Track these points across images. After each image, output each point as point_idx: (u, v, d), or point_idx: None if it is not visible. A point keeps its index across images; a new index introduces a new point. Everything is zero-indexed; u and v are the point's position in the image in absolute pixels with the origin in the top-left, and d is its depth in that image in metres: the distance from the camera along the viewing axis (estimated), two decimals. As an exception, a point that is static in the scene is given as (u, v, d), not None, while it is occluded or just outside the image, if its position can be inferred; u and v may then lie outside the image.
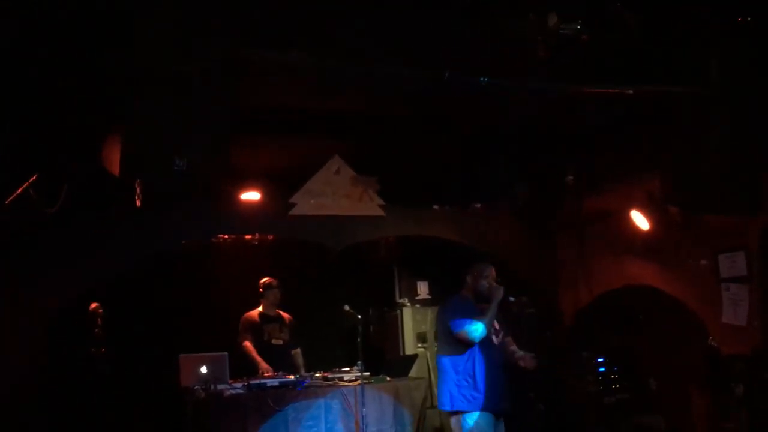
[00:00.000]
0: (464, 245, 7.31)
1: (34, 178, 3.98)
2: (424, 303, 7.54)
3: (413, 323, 7.28)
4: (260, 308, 6.57)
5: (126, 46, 3.97)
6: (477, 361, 4.83)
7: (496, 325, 5.06)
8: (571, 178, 6.30)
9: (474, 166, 6.69)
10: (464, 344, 4.82)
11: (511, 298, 5.15)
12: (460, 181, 6.95)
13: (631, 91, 4.96)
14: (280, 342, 6.50)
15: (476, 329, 4.77)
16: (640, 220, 6.26)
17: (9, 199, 3.88)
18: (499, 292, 4.94)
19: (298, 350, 6.65)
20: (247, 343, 6.29)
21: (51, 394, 5.55)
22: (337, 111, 5.58)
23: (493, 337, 5.00)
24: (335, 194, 6.48)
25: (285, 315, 6.65)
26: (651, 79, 4.82)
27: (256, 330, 6.42)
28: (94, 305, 4.94)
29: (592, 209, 6.88)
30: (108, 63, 4.02)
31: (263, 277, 6.65)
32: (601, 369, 6.61)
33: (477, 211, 7.39)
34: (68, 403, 5.67)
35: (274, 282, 6.59)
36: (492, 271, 5.11)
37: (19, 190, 3.95)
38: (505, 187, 6.98)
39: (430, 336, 7.16)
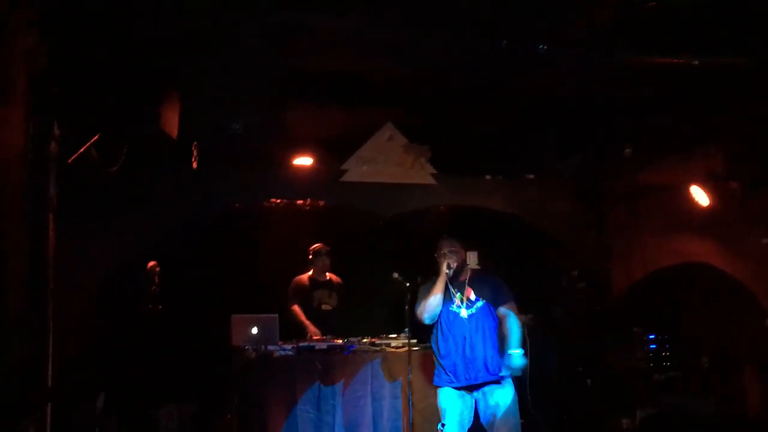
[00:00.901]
0: (515, 216, 7.24)
1: (95, 138, 4.08)
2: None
3: (461, 292, 7.26)
4: (310, 273, 6.63)
5: (183, 8, 4.01)
6: (439, 337, 4.75)
7: (471, 296, 4.77)
8: (629, 150, 6.15)
9: (527, 136, 6.60)
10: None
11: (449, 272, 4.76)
12: (513, 151, 6.87)
13: (696, 62, 4.82)
14: (330, 307, 6.56)
15: (420, 310, 4.75)
16: (699, 195, 6.09)
17: (71, 159, 3.99)
18: (443, 266, 4.74)
19: None
20: (296, 307, 6.37)
21: (107, 349, 5.74)
22: (391, 77, 5.55)
23: (463, 309, 4.74)
24: (387, 161, 6.48)
25: (335, 278, 6.69)
26: (715, 50, 4.67)
27: (305, 295, 6.49)
28: (151, 263, 5.07)
29: (648, 182, 6.72)
30: (165, 25, 4.07)
31: (313, 243, 6.70)
32: (652, 346, 6.51)
33: (529, 182, 7.32)
34: (123, 358, 5.86)
35: (323, 249, 6.61)
36: (446, 244, 4.84)
37: (81, 150, 4.06)
38: (558, 157, 6.89)
39: (478, 305, 7.13)
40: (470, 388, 4.68)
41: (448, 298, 4.78)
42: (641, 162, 6.42)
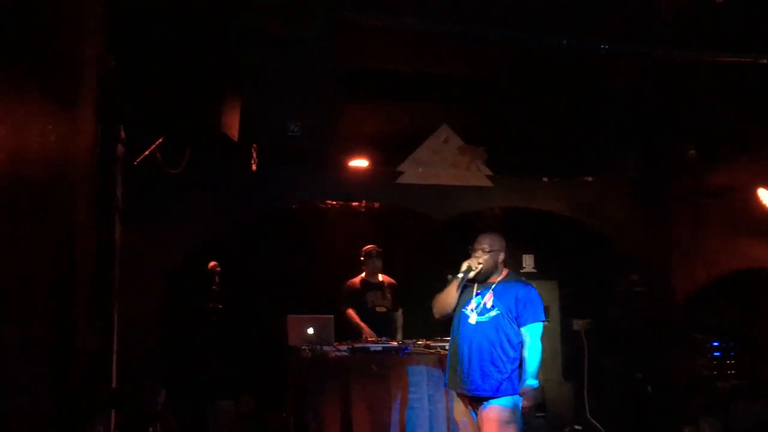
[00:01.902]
0: (573, 218, 7.12)
1: (160, 140, 4.18)
2: (529, 276, 7.41)
3: (517, 296, 7.18)
4: (362, 275, 6.64)
5: (243, 9, 4.07)
6: (451, 338, 4.45)
7: (489, 303, 4.28)
8: (693, 152, 5.98)
9: (586, 136, 6.49)
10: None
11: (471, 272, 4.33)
12: (571, 152, 6.76)
13: (765, 61, 4.66)
14: (384, 309, 6.56)
15: (433, 303, 4.47)
16: (766, 197, 5.88)
17: (137, 160, 4.10)
18: (464, 264, 4.33)
19: (399, 312, 6.68)
20: (350, 311, 6.38)
21: (169, 346, 5.88)
22: (447, 78, 5.53)
23: (474, 314, 4.28)
24: (443, 163, 6.46)
25: (387, 280, 6.68)
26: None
27: (358, 297, 6.49)
28: (212, 263, 5.16)
29: (712, 184, 6.53)
30: (227, 27, 4.14)
31: (368, 245, 6.72)
32: (716, 353, 6.31)
33: (587, 184, 7.19)
34: (184, 355, 5.99)
35: (374, 250, 6.57)
36: (478, 242, 4.38)
37: (147, 152, 4.16)
38: (618, 158, 6.75)
39: (534, 310, 7.04)
40: (466, 398, 4.30)
41: (467, 299, 4.38)
42: (705, 163, 6.24)
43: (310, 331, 5.52)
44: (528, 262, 7.50)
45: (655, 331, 6.86)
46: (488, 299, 4.29)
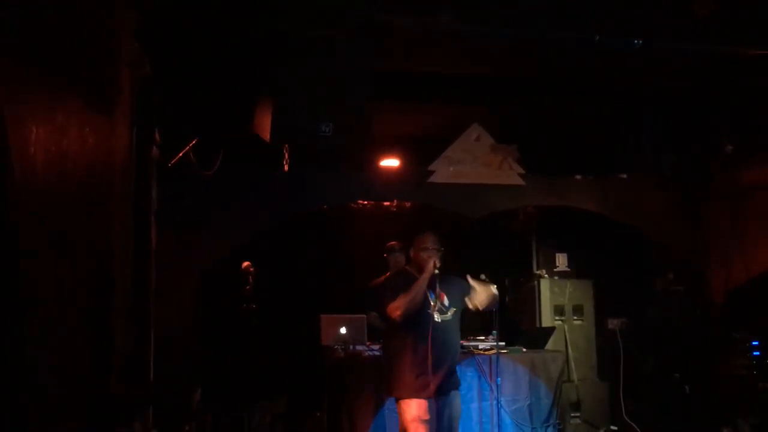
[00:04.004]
0: (607, 216, 7.04)
1: (193, 143, 4.24)
2: (562, 275, 7.35)
3: (551, 295, 7.12)
4: (387, 275, 6.60)
5: (276, 12, 4.10)
6: (410, 343, 4.27)
7: (445, 301, 4.37)
8: (730, 147, 5.86)
9: (620, 133, 6.40)
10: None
11: (436, 271, 4.28)
12: (605, 150, 6.67)
13: (805, 54, 4.55)
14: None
15: (398, 306, 4.19)
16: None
17: (171, 162, 4.16)
18: (429, 263, 4.26)
19: None
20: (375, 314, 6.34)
21: (204, 347, 5.95)
22: (478, 77, 5.50)
23: (435, 314, 4.30)
24: (474, 162, 6.42)
25: None
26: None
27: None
28: (246, 264, 5.20)
29: (750, 180, 6.40)
30: (259, 29, 4.17)
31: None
32: (756, 353, 6.18)
33: (622, 181, 7.09)
34: (219, 356, 6.06)
35: (396, 245, 6.46)
36: (431, 241, 4.41)
37: (180, 154, 4.22)
38: (653, 155, 6.64)
39: (569, 309, 6.98)
40: (437, 396, 4.28)
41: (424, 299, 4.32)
42: (744, 159, 6.11)
43: (343, 330, 5.55)
44: (561, 261, 7.42)
45: (692, 330, 6.74)
46: (443, 298, 4.37)
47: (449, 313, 4.40)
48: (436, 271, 4.29)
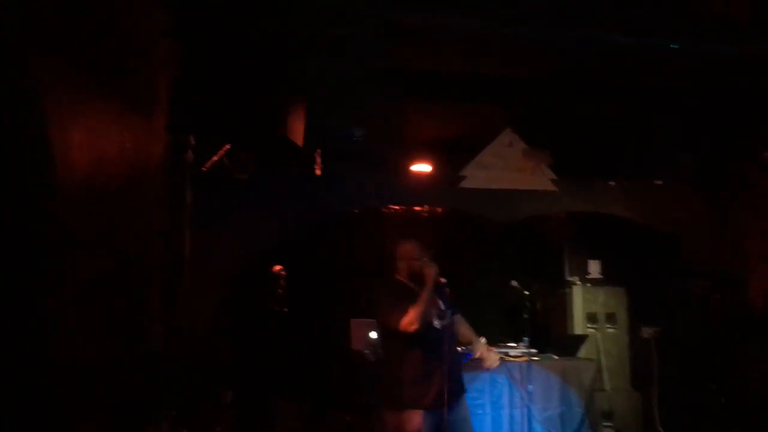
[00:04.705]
0: (640, 222, 6.93)
1: (227, 147, 4.27)
2: (595, 282, 7.26)
3: (583, 303, 7.04)
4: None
5: (307, 13, 4.12)
6: (416, 351, 4.13)
7: (441, 306, 4.31)
8: (767, 153, 5.73)
9: (652, 137, 6.32)
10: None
11: (443, 279, 4.24)
12: (639, 155, 6.59)
13: None
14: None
15: (411, 319, 4.05)
16: None
17: (205, 166, 4.20)
18: (431, 272, 4.20)
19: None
20: None
21: (234, 348, 5.99)
22: (510, 80, 5.46)
23: (436, 321, 4.24)
24: (507, 167, 6.37)
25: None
26: None
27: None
28: (277, 267, 5.24)
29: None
30: (289, 34, 4.19)
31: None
32: (796, 364, 6.03)
33: (655, 186, 6.99)
34: (249, 357, 6.09)
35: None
36: (420, 249, 4.42)
37: (215, 158, 4.25)
38: (687, 159, 6.54)
39: (602, 317, 6.90)
40: (441, 405, 4.11)
41: None
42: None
43: (373, 335, 5.55)
44: (594, 268, 7.33)
45: (729, 340, 6.60)
46: (438, 304, 4.29)
47: (446, 319, 4.30)
48: (443, 280, 4.24)
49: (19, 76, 1.84)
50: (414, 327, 4.06)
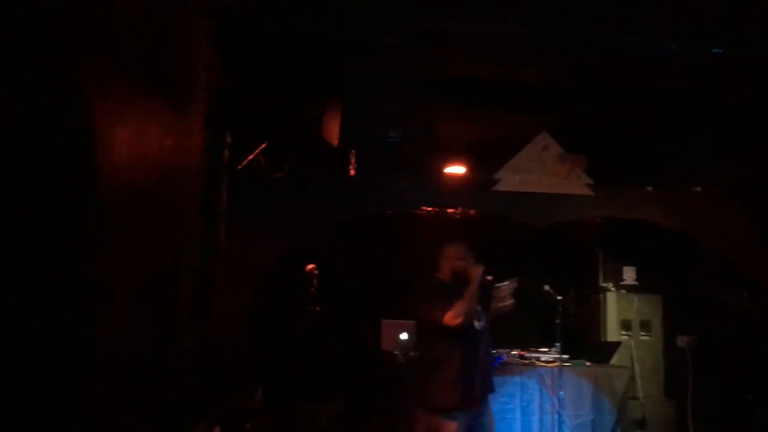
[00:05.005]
0: (678, 229, 6.82)
1: (263, 146, 4.31)
2: (630, 289, 7.17)
3: (617, 309, 6.96)
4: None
5: (344, 16, 4.13)
6: (454, 351, 4.11)
7: (478, 308, 4.27)
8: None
9: (691, 144, 6.21)
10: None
11: (489, 277, 4.23)
12: (676, 161, 6.48)
13: None
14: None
15: (456, 313, 4.02)
16: None
17: (241, 165, 4.24)
18: (477, 272, 4.19)
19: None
20: None
21: (267, 346, 6.04)
22: (545, 84, 5.41)
23: (476, 323, 4.23)
24: (542, 171, 6.32)
25: None
26: None
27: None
28: (310, 266, 5.26)
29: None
30: (327, 34, 4.21)
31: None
32: (837, 377, 5.89)
33: (694, 193, 6.88)
34: (282, 356, 6.13)
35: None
36: (466, 250, 4.42)
37: (250, 157, 4.29)
38: (726, 167, 6.42)
39: (636, 324, 6.82)
40: (475, 407, 4.17)
41: None
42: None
43: (404, 336, 5.56)
44: (629, 275, 7.24)
45: (766, 350, 6.47)
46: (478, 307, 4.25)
47: (482, 320, 4.30)
48: (489, 278, 4.25)
49: (68, 76, 1.88)
50: (458, 321, 4.04)
